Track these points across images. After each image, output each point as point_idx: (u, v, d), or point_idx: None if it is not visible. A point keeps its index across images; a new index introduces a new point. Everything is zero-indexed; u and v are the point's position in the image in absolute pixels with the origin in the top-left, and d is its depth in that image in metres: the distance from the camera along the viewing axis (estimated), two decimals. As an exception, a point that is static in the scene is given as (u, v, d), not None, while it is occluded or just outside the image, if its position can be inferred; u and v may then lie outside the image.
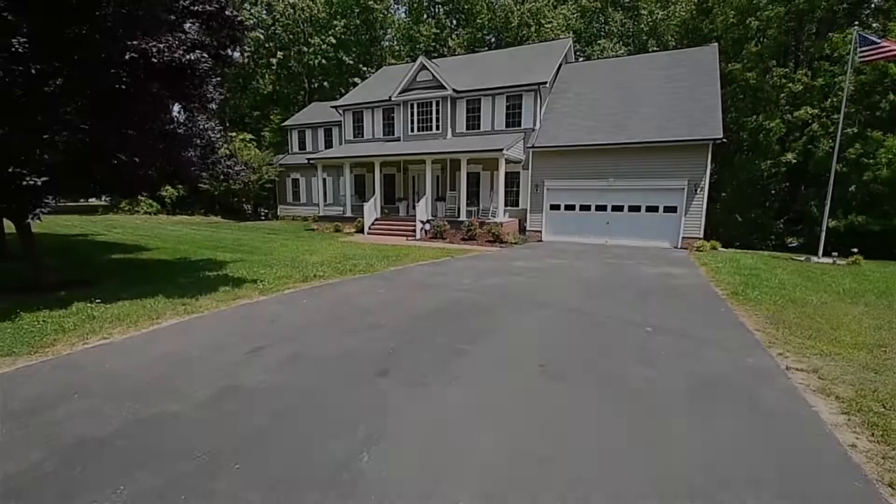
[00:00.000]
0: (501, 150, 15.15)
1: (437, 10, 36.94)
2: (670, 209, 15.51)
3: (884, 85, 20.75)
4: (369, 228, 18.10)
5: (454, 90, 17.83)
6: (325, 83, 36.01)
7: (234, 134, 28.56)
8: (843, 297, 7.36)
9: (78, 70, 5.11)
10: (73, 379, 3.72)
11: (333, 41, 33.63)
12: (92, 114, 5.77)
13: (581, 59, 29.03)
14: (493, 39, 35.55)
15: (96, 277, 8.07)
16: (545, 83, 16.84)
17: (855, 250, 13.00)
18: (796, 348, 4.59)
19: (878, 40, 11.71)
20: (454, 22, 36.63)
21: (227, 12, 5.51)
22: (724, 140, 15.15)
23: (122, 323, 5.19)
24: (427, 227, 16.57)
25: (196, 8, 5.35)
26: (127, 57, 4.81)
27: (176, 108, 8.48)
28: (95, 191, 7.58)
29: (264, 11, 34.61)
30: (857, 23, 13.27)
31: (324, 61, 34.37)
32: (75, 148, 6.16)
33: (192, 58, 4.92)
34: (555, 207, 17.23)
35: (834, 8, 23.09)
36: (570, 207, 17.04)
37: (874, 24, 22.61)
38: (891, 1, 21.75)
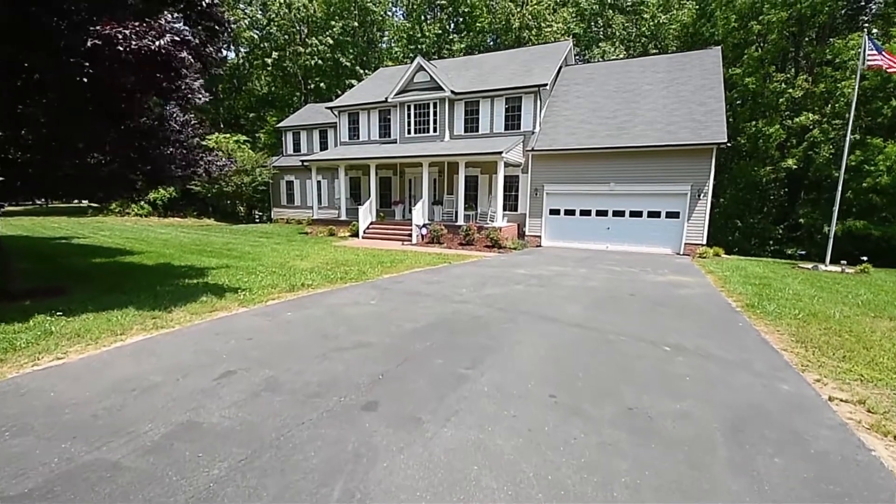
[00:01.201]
0: (500, 152, 14.72)
1: (436, 12, 36.61)
2: (672, 215, 15.14)
3: (886, 91, 20.59)
4: (364, 232, 17.60)
5: (452, 92, 17.42)
6: (322, 84, 35.56)
7: (228, 135, 28.01)
8: (865, 310, 6.93)
9: (35, 61, 4.62)
10: (10, 410, 3.19)
11: (331, 42, 33.20)
12: (57, 109, 5.27)
13: (581, 63, 28.79)
14: (491, 43, 35.27)
15: (70, 284, 7.51)
16: (545, 85, 16.46)
17: (864, 259, 12.65)
18: (833, 372, 4.13)
19: (881, 50, 11.36)
20: (452, 26, 36.32)
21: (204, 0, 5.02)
22: (729, 144, 14.84)
23: (81, 339, 4.65)
24: (424, 231, 16.09)
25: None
26: (89, 44, 4.31)
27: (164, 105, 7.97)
28: (68, 192, 7.04)
29: (259, 11, 34.14)
30: (865, 26, 12.94)
31: (320, 62, 33.92)
32: (39, 146, 5.65)
33: (163, 43, 4.41)
34: (554, 212, 16.82)
35: (835, 13, 22.98)
36: (569, 212, 16.64)
37: (874, 30, 22.49)
38: (891, 7, 21.65)
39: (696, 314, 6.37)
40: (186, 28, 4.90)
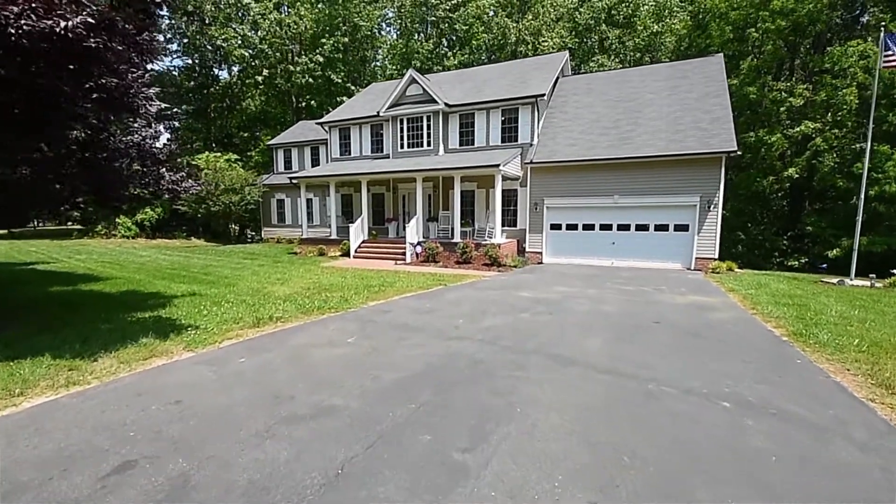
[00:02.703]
0: (498, 165, 13.87)
1: (428, 28, 36.58)
2: (681, 228, 14.22)
3: (889, 98, 20.13)
4: (356, 251, 16.57)
5: (446, 104, 16.71)
6: (313, 102, 35.16)
7: (218, 154, 27.26)
8: (930, 336, 5.90)
9: None
10: None
11: (321, 59, 32.92)
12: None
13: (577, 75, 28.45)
14: (485, 59, 35.09)
15: (7, 320, 6.43)
16: (542, 96, 15.78)
17: (894, 271, 11.69)
18: (958, 439, 3.07)
19: None
20: (445, 42, 36.23)
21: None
22: (739, 153, 14.07)
23: (-39, 405, 3.55)
24: (418, 249, 15.08)
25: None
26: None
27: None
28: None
29: (250, 30, 33.95)
30: (882, 25, 12.37)
31: (311, 80, 33.56)
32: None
33: (75, 23, 3.48)
34: (555, 227, 15.88)
35: (831, 21, 22.78)
36: (571, 227, 15.71)
37: (869, 38, 22.25)
38: (887, 13, 21.44)
39: (740, 348, 5.31)
40: (112, 11, 3.98)
